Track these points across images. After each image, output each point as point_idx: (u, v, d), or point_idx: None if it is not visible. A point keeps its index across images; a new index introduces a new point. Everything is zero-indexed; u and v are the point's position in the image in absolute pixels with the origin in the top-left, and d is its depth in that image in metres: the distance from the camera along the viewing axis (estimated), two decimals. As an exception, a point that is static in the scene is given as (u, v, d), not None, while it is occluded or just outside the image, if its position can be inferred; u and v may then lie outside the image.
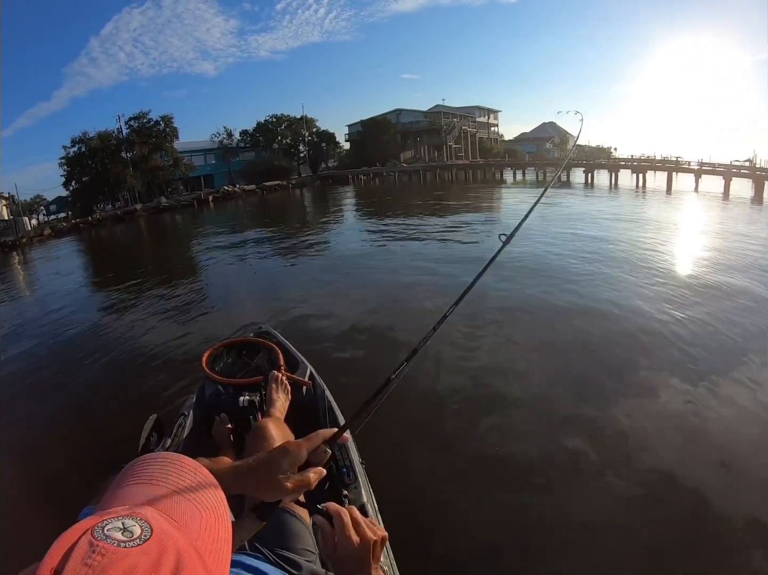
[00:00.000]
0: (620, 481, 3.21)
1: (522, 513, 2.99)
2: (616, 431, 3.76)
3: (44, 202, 48.17)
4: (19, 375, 6.44)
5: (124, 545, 0.45)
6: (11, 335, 8.63)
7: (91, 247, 26.73)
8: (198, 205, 39.45)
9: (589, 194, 25.42)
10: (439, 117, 57.54)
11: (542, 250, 10.32)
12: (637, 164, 30.19)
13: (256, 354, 3.09)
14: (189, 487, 0.60)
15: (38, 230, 34.82)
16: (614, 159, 41.72)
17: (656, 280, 7.78)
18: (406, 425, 3.90)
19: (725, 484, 3.13)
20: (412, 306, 7.05)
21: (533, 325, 6.13)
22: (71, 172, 41.43)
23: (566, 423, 3.92)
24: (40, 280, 17.64)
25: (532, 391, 4.49)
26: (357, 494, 2.01)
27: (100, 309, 10.04)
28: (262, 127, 52.44)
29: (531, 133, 79.20)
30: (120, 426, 3.96)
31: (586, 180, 30.45)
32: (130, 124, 43.54)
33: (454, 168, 45.60)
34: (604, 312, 6.38)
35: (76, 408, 5.19)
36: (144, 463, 0.63)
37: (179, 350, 6.26)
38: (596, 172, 31.62)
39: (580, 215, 16.38)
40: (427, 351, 5.14)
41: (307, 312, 7.24)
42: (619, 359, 5.04)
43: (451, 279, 8.26)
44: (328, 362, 5.13)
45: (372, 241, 14.33)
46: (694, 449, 3.54)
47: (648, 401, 4.19)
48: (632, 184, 27.57)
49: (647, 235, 12.04)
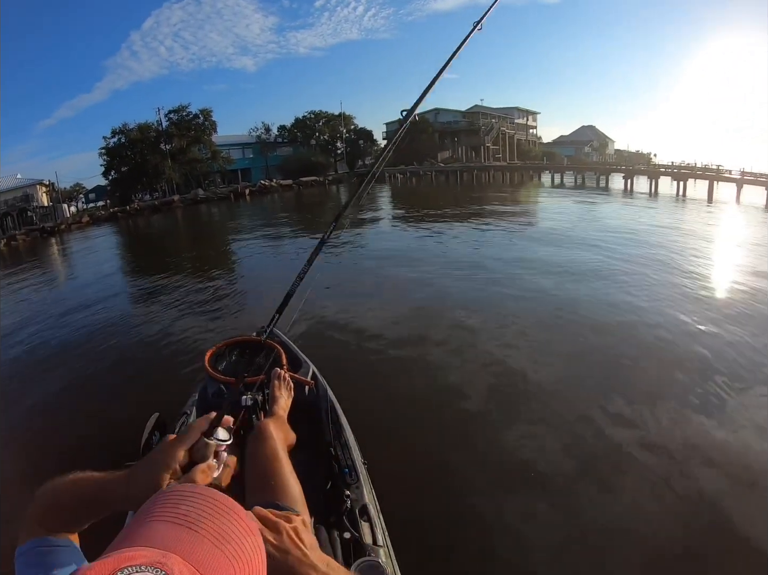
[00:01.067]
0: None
1: (530, 516, 2.97)
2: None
3: (84, 190, 49.27)
4: (25, 360, 6.59)
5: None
6: (24, 321, 8.87)
7: (127, 236, 27.26)
8: (234, 198, 39.60)
9: (631, 202, 23.72)
10: (478, 117, 56.50)
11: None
12: (678, 171, 28.95)
13: (259, 354, 3.07)
14: (225, 535, 0.54)
15: (77, 217, 35.64)
16: (654, 165, 40.33)
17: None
18: (407, 425, 3.93)
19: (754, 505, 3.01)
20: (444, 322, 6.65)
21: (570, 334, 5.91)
22: (111, 161, 42.02)
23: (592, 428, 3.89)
24: (74, 265, 18.44)
25: (553, 390, 4.48)
26: (359, 494, 1.99)
27: (127, 295, 10.33)
28: (300, 123, 52.32)
29: (570, 136, 77.43)
30: (123, 422, 3.91)
31: (625, 186, 29.28)
32: (170, 117, 43.88)
33: (492, 169, 44.73)
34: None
35: (80, 400, 5.16)
36: (178, 497, 0.57)
37: (194, 345, 6.17)
38: (635, 178, 30.44)
39: (630, 231, 14.03)
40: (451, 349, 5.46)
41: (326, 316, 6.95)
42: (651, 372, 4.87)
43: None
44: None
45: (412, 251, 12.46)
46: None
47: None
48: (672, 192, 26.20)
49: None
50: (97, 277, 13.22)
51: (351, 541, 1.71)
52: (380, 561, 1.57)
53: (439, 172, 45.60)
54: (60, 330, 7.94)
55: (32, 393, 5.41)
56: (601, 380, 4.70)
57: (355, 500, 1.94)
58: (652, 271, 8.66)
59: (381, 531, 1.87)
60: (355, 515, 1.86)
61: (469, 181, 41.46)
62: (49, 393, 5.37)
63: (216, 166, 46.06)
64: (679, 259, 9.70)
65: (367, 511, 1.89)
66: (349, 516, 1.85)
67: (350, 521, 1.82)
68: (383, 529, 1.91)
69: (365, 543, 1.73)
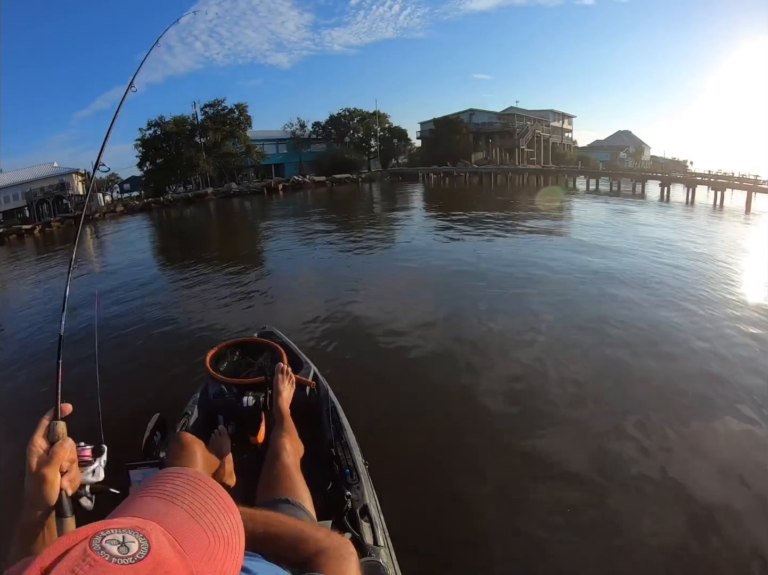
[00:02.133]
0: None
1: (530, 517, 2.91)
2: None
3: (118, 180, 49.96)
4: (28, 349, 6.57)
5: (116, 561, 0.45)
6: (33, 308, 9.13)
7: (160, 226, 27.64)
8: (267, 193, 39.64)
9: (673, 212, 21.65)
10: (513, 119, 55.49)
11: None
12: (716, 181, 27.90)
13: (260, 355, 3.14)
14: (204, 511, 0.58)
15: (111, 206, 36.02)
16: (691, 174, 39.11)
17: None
18: (408, 425, 3.88)
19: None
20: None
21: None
22: (146, 153, 42.54)
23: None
24: (104, 252, 18.80)
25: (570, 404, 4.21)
26: (360, 494, 1.98)
27: (152, 284, 10.27)
28: (334, 120, 52.30)
29: (605, 141, 75.88)
30: (125, 420, 3.73)
31: (661, 194, 28.28)
32: (205, 111, 44.13)
33: (527, 172, 43.80)
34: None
35: (79, 399, 4.57)
36: (166, 476, 0.63)
37: (204, 343, 5.66)
38: (671, 185, 29.39)
39: (672, 242, 12.23)
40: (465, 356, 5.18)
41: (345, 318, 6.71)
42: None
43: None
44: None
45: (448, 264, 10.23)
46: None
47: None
48: (707, 201, 24.97)
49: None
50: (132, 260, 13.46)
51: (352, 541, 1.52)
52: (381, 562, 1.57)
53: (473, 173, 44.81)
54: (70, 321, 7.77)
55: (32, 390, 5.08)
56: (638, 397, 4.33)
57: (356, 500, 1.93)
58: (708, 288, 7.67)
59: (382, 531, 1.86)
60: (356, 515, 1.85)
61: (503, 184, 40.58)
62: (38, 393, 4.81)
63: (250, 161, 46.31)
64: (730, 274, 8.77)
65: (368, 511, 1.89)
66: (350, 517, 1.84)
67: (351, 521, 1.82)
68: (384, 529, 1.91)
69: (366, 543, 1.72)
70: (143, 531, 0.49)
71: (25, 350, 6.73)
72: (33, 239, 26.71)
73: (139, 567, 0.45)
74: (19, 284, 13.12)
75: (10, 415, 4.21)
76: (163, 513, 0.55)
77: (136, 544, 0.47)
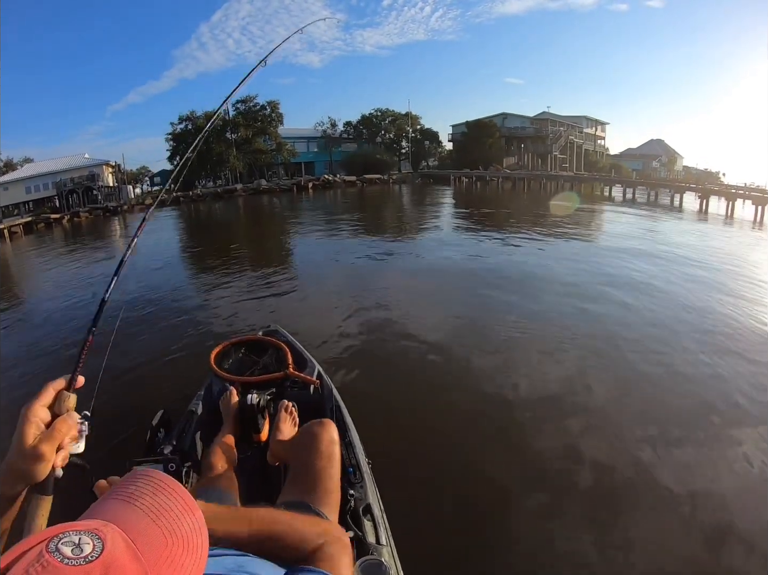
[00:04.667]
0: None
1: (531, 519, 2.84)
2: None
3: (149, 173, 50.17)
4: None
5: (68, 562, 0.46)
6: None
7: (188, 220, 27.68)
8: (297, 191, 39.21)
9: (717, 227, 19.23)
10: (546, 124, 54.28)
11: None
12: (761, 196, 26.72)
13: (264, 353, 3.13)
14: (163, 512, 0.58)
15: (140, 199, 36.00)
16: (727, 186, 37.82)
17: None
18: (412, 424, 3.84)
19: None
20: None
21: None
22: (176, 147, 42.43)
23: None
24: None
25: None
26: (363, 493, 1.96)
27: (174, 277, 10.34)
28: (366, 120, 51.66)
29: (637, 149, 74.37)
30: (129, 417, 3.81)
31: (700, 206, 27.03)
32: (237, 107, 43.83)
33: (561, 179, 42.72)
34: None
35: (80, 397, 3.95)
36: (131, 478, 0.63)
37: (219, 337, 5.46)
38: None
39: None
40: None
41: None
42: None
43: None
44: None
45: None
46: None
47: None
48: (745, 215, 23.45)
49: None
50: (158, 253, 13.22)
51: (354, 540, 1.65)
52: (383, 560, 1.55)
53: (506, 178, 43.87)
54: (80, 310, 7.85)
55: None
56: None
57: (359, 499, 1.90)
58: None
59: (384, 530, 1.83)
60: (359, 514, 1.81)
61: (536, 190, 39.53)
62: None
63: (280, 158, 46.01)
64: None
65: (370, 510, 1.87)
66: (353, 515, 1.80)
67: (354, 520, 1.78)
68: (387, 529, 1.87)
69: (368, 542, 1.70)
70: (100, 533, 0.50)
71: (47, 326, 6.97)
72: (61, 228, 26.53)
73: (89, 569, 0.46)
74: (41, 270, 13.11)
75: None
76: (123, 514, 0.55)
77: (90, 546, 0.48)
